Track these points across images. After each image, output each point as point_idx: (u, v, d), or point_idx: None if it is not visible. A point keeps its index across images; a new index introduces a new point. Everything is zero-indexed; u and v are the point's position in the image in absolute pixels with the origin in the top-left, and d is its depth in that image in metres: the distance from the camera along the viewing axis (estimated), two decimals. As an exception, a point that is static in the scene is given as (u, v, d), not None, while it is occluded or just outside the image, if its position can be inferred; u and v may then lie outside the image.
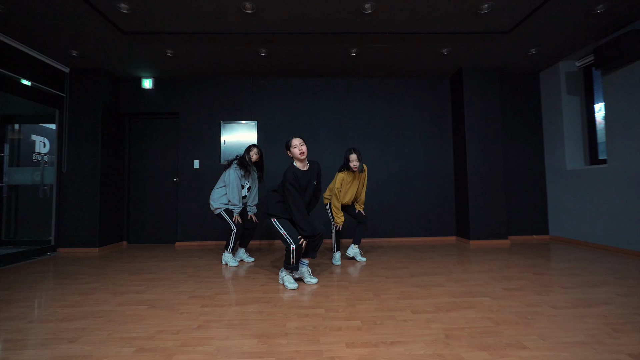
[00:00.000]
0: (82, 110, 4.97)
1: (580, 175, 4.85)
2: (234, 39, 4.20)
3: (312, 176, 3.11)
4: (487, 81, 5.25)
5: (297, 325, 2.06)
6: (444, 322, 2.07)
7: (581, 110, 5.13)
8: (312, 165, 3.15)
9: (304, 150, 3.01)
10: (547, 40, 4.41)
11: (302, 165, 3.07)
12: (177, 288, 2.93)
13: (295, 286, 2.88)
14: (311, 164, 3.14)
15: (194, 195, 5.37)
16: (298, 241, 2.91)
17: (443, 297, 2.57)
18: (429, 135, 5.61)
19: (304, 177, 3.04)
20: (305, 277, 3.07)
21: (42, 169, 4.90)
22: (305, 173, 3.06)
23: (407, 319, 2.13)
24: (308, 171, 3.09)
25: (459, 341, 1.81)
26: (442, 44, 4.45)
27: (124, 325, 2.11)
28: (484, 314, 2.21)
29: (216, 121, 5.47)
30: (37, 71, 4.47)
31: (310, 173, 3.10)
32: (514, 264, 3.65)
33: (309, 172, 3.09)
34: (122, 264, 3.96)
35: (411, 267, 3.62)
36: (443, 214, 5.54)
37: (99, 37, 4.11)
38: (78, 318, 2.24)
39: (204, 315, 2.25)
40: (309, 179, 3.07)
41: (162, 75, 5.37)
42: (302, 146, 3.02)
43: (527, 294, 2.60)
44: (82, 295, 2.75)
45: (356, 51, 4.60)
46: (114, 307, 2.44)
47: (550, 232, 5.46)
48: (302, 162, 3.06)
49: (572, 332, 1.89)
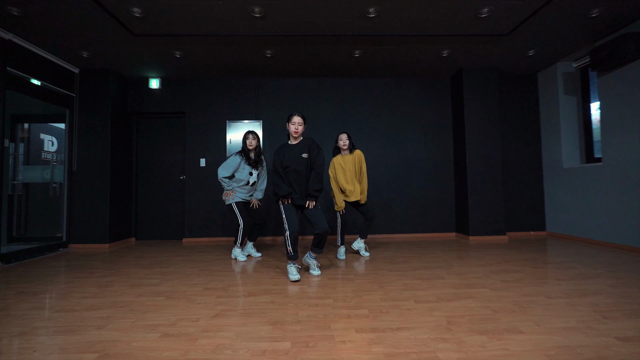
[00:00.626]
0: (91, 110, 5.10)
1: (576, 173, 4.99)
2: (241, 41, 4.33)
3: (302, 149, 3.21)
4: (486, 81, 5.39)
5: (309, 314, 2.20)
6: (446, 311, 2.22)
7: (578, 110, 5.28)
8: (305, 140, 3.27)
9: (299, 131, 3.21)
10: (545, 42, 4.55)
11: (294, 141, 3.27)
12: (191, 281, 3.07)
13: (297, 278, 3.00)
14: (303, 140, 3.27)
15: (201, 192, 5.51)
16: (294, 228, 3.06)
17: (444, 289, 2.71)
18: (429, 134, 5.75)
19: (292, 150, 3.22)
20: (311, 267, 3.24)
21: (52, 167, 5.03)
22: (293, 146, 3.24)
23: (411, 308, 2.28)
24: (297, 145, 3.25)
25: (460, 327, 1.95)
26: (443, 45, 4.58)
27: (146, 314, 2.25)
28: (483, 303, 2.35)
29: (222, 120, 5.60)
30: (48, 71, 4.60)
31: (300, 146, 3.23)
32: (511, 259, 3.80)
33: (298, 146, 3.24)
34: (134, 259, 4.10)
35: (413, 261, 3.77)
36: (443, 210, 5.69)
37: (110, 39, 4.24)
38: (101, 308, 2.38)
39: (220, 305, 2.40)
40: (297, 152, 3.20)
41: (169, 75, 5.50)
42: (300, 126, 3.21)
43: (524, 286, 2.75)
44: (100, 288, 2.89)
45: (359, 52, 4.73)
46: (133, 298, 2.59)
47: (547, 228, 5.61)
48: (295, 139, 3.26)
49: (564, 319, 2.04)
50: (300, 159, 3.19)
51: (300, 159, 3.19)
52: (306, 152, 3.21)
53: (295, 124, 3.20)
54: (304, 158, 3.19)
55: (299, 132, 3.21)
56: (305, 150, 3.22)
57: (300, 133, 3.23)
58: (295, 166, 3.17)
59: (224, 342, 1.82)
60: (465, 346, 1.72)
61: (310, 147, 3.24)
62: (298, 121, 3.20)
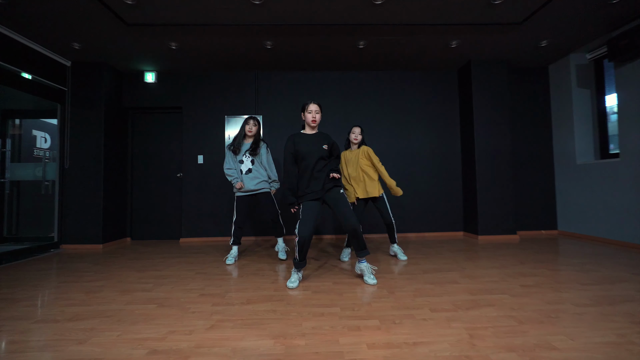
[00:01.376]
0: (84, 105, 4.87)
1: (590, 170, 4.77)
2: (240, 31, 4.10)
3: (322, 141, 2.98)
4: (495, 74, 5.16)
5: (314, 325, 1.99)
6: (465, 321, 2.00)
7: (591, 103, 5.05)
8: (323, 133, 3.04)
9: (317, 119, 2.96)
10: (559, 32, 4.32)
11: (311, 131, 3.03)
12: (186, 286, 2.86)
13: (293, 286, 2.76)
14: (322, 132, 3.05)
15: (198, 190, 5.29)
16: (304, 233, 2.76)
17: (460, 295, 2.50)
18: (436, 129, 5.52)
19: (309, 140, 2.96)
20: (365, 275, 2.90)
21: (44, 164, 4.81)
22: (310, 136, 2.99)
23: (427, 318, 2.07)
24: (315, 135, 3.00)
25: (484, 341, 1.74)
26: (452, 35, 4.35)
27: (135, 325, 2.03)
28: (505, 312, 2.14)
29: (220, 116, 5.38)
30: (39, 65, 4.37)
31: (318, 138, 2.99)
32: (526, 260, 3.59)
33: (316, 137, 2.99)
34: (127, 261, 3.89)
35: (422, 263, 3.55)
36: (450, 208, 5.47)
37: (102, 30, 4.01)
38: (86, 318, 2.17)
39: (216, 315, 2.18)
40: (314, 143, 2.95)
41: (165, 69, 5.27)
42: (317, 114, 2.96)
43: (546, 291, 2.54)
44: (88, 294, 2.68)
45: (364, 44, 4.50)
46: (122, 306, 2.37)
47: (559, 227, 5.39)
48: (312, 128, 3.02)
49: (601, 332, 1.82)
50: (321, 150, 2.93)
51: (321, 150, 2.93)
52: (327, 144, 2.98)
53: (312, 112, 2.95)
54: (324, 149, 2.95)
55: (317, 120, 2.97)
56: (326, 141, 2.99)
57: (318, 122, 3.01)
58: (313, 157, 2.91)
59: (219, 360, 1.61)
60: (494, 366, 1.51)
61: (330, 140, 3.02)
62: (315, 109, 2.95)
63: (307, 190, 2.90)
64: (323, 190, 2.91)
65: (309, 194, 2.89)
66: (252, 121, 3.82)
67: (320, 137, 3.00)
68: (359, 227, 2.85)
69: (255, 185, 3.78)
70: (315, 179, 2.91)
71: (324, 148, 2.95)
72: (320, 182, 2.91)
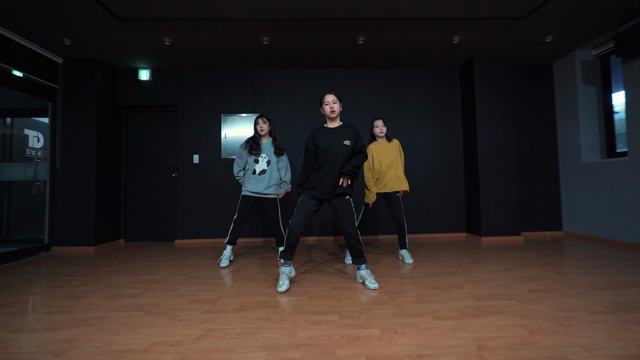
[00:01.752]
0: (76, 103, 4.74)
1: (597, 169, 4.63)
2: (235, 26, 3.97)
3: (344, 135, 2.79)
4: (498, 71, 5.02)
5: (310, 335, 1.85)
6: (472, 331, 1.86)
7: (597, 101, 4.90)
8: (348, 126, 2.86)
9: (335, 110, 2.80)
10: (565, 27, 4.18)
11: (332, 124, 2.87)
12: (177, 291, 2.72)
13: (282, 290, 2.65)
14: (345, 124, 2.87)
15: (194, 191, 5.16)
16: (296, 222, 2.68)
17: (465, 301, 2.36)
18: (437, 128, 5.38)
19: (330, 134, 2.80)
20: (366, 279, 2.75)
21: (36, 164, 4.67)
22: (332, 130, 2.83)
23: (431, 327, 1.93)
24: (338, 129, 2.83)
25: (495, 354, 1.60)
26: (455, 31, 4.21)
27: (117, 335, 1.90)
28: (515, 320, 2.00)
29: (216, 114, 5.24)
30: (29, 61, 4.24)
31: (342, 131, 2.82)
32: (533, 263, 3.45)
33: (340, 130, 2.82)
34: (119, 264, 3.75)
35: (424, 266, 3.41)
36: (453, 209, 5.33)
37: (93, 25, 3.87)
38: (67, 327, 2.03)
39: (206, 323, 2.05)
40: (337, 136, 2.79)
41: (160, 66, 5.14)
42: (335, 104, 2.81)
43: (556, 297, 2.40)
44: (73, 300, 2.54)
45: (363, 39, 4.36)
46: (106, 314, 2.24)
47: (564, 228, 5.25)
48: (332, 120, 2.87)
49: (619, 343, 1.68)
50: (341, 146, 2.76)
51: (341, 146, 2.76)
52: (350, 139, 2.79)
53: (329, 102, 2.80)
54: (346, 145, 2.77)
55: (336, 111, 2.80)
56: (350, 136, 2.80)
57: (338, 113, 2.83)
58: (332, 154, 2.75)
59: (204, 376, 1.47)
60: (506, 383, 1.37)
61: (356, 135, 2.83)
62: (332, 99, 2.80)
63: (318, 187, 2.76)
64: (333, 193, 2.78)
65: (317, 191, 2.76)
66: (261, 119, 3.71)
67: (343, 131, 2.82)
68: (357, 235, 2.75)
69: (264, 189, 3.66)
70: (330, 178, 2.76)
71: (345, 144, 2.77)
72: (334, 182, 2.76)
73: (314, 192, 2.76)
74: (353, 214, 2.78)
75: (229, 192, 5.13)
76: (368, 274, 2.79)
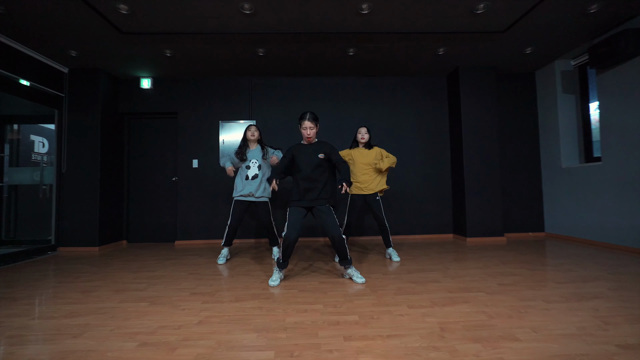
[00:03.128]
0: (81, 111, 5.00)
1: (575, 173, 4.91)
2: (232, 39, 4.24)
3: (318, 150, 3.11)
4: (483, 80, 5.30)
5: (296, 320, 2.11)
6: (439, 317, 2.12)
7: (576, 109, 5.19)
8: (320, 142, 3.19)
9: (312, 135, 3.13)
10: (542, 40, 4.47)
11: (308, 142, 3.19)
12: (178, 285, 2.97)
13: (275, 284, 2.91)
14: (319, 141, 3.21)
15: (193, 194, 5.41)
16: (290, 235, 2.92)
17: (439, 293, 2.62)
18: (426, 134, 5.66)
19: (305, 150, 3.13)
20: (353, 276, 3.01)
21: (42, 169, 4.93)
22: (307, 147, 3.16)
23: (404, 314, 2.18)
24: (312, 145, 3.16)
25: (454, 334, 1.86)
26: (439, 43, 4.49)
27: (127, 321, 2.15)
28: (479, 308, 2.26)
29: (215, 121, 5.51)
30: (36, 71, 4.50)
31: (315, 147, 3.14)
32: (509, 261, 3.71)
33: (313, 146, 3.15)
34: (123, 263, 4.00)
35: (408, 263, 3.67)
36: (440, 211, 5.60)
37: (98, 38, 4.14)
38: (81, 315, 2.28)
39: (205, 311, 2.30)
40: (311, 152, 3.11)
41: (160, 75, 5.41)
42: (312, 130, 3.12)
43: (521, 289, 2.66)
44: (84, 293, 2.79)
45: (354, 51, 4.64)
46: (116, 304, 2.49)
47: (546, 229, 5.52)
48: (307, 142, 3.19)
49: (563, 325, 1.94)
50: (316, 160, 3.07)
51: (316, 160, 3.07)
52: (323, 152, 3.11)
53: (306, 128, 3.10)
54: (320, 158, 3.08)
55: (312, 136, 3.14)
56: (322, 150, 3.12)
57: (313, 137, 3.17)
58: (308, 167, 3.06)
59: (204, 351, 1.72)
60: (459, 355, 1.63)
61: (329, 149, 3.15)
62: (309, 126, 3.09)
63: (304, 197, 3.06)
64: (317, 201, 3.05)
65: (304, 201, 3.06)
66: (254, 127, 3.98)
67: (317, 148, 3.14)
68: (342, 236, 2.99)
69: (256, 194, 3.89)
70: (311, 190, 3.06)
71: (320, 157, 3.08)
72: (317, 192, 3.05)
73: (301, 202, 3.07)
74: (336, 219, 3.05)
75: (226, 195, 5.39)
76: (354, 270, 3.05)
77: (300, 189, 3.07)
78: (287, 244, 2.94)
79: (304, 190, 3.06)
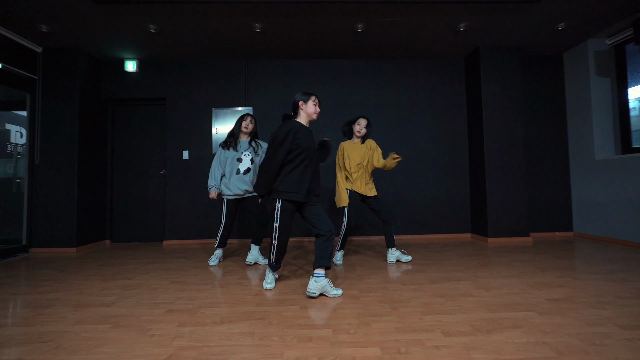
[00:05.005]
0: (57, 95, 4.45)
1: (611, 166, 4.35)
2: (224, 10, 3.68)
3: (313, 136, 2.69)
4: (506, 62, 4.73)
5: (298, 355, 1.57)
6: (489, 351, 1.58)
7: (612, 94, 4.62)
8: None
9: (319, 111, 2.68)
10: (579, 13, 3.89)
11: (306, 123, 2.68)
12: (154, 299, 2.44)
13: (270, 286, 2.62)
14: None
15: (184, 189, 4.87)
16: (284, 239, 2.57)
17: (477, 312, 2.08)
18: (441, 122, 5.10)
19: (308, 134, 2.60)
20: (328, 291, 2.43)
21: (15, 160, 4.40)
22: (308, 130, 2.62)
23: (439, 345, 1.65)
24: (310, 130, 2.66)
25: (519, 383, 1.32)
26: (460, 16, 3.92)
27: (72, 355, 1.62)
28: (537, 337, 1.72)
29: (207, 108, 4.95)
30: (4, 50, 3.96)
31: (311, 134, 2.66)
32: (546, 267, 3.16)
33: (310, 131, 2.66)
34: (97, 267, 3.47)
35: (428, 270, 3.13)
36: (457, 209, 5.05)
37: (70, 8, 3.58)
38: (18, 344, 1.75)
39: (179, 339, 1.76)
40: (311, 137, 2.63)
41: (147, 56, 4.85)
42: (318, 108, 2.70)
43: (580, 307, 2.12)
44: (36, 310, 2.26)
45: (362, 26, 4.07)
46: (69, 327, 1.95)
47: (575, 228, 4.97)
48: (308, 121, 2.69)
49: (668, 369, 1.41)
50: (315, 147, 2.68)
51: (315, 147, 2.68)
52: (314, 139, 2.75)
53: (317, 103, 2.66)
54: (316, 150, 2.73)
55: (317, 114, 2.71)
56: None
57: None
58: (308, 153, 2.56)
59: (164, 413, 1.19)
60: None
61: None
62: (318, 102, 2.69)
63: (299, 190, 2.51)
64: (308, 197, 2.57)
65: (299, 194, 2.50)
66: (250, 117, 3.52)
67: (311, 134, 2.69)
68: (334, 233, 2.51)
69: (250, 188, 3.48)
70: (314, 181, 2.61)
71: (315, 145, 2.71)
72: (311, 184, 2.59)
73: (296, 195, 2.51)
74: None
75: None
76: (329, 283, 2.47)
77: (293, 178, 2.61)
78: (282, 248, 2.65)
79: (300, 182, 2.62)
